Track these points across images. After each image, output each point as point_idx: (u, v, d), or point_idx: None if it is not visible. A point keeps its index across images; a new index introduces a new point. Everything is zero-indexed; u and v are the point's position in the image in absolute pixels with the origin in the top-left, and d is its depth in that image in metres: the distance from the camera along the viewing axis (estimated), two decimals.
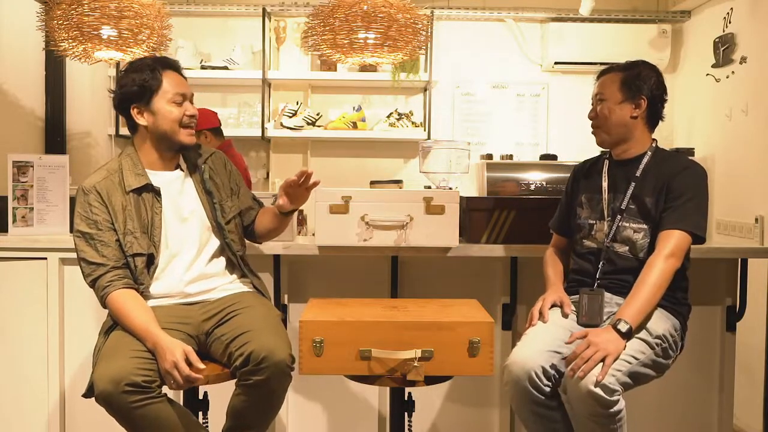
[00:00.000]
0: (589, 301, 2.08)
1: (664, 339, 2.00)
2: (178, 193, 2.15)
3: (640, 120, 2.14)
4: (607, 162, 2.23)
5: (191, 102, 2.15)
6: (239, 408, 1.94)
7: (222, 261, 2.18)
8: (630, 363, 1.89)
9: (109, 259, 2.02)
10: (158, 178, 2.13)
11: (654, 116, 2.17)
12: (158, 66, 2.10)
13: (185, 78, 2.17)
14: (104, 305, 2.03)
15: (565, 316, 2.09)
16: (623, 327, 1.90)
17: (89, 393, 1.90)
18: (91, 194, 2.06)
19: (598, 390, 1.79)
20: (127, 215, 2.06)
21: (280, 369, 1.87)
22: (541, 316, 2.08)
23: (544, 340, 2.00)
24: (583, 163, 2.36)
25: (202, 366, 1.89)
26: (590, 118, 2.22)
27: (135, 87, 2.07)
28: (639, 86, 2.12)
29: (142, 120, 2.10)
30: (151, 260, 2.07)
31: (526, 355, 1.94)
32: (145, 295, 2.06)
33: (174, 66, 2.15)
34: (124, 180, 2.09)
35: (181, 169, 2.18)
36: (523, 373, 1.91)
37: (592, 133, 2.22)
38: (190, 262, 2.12)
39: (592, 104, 2.22)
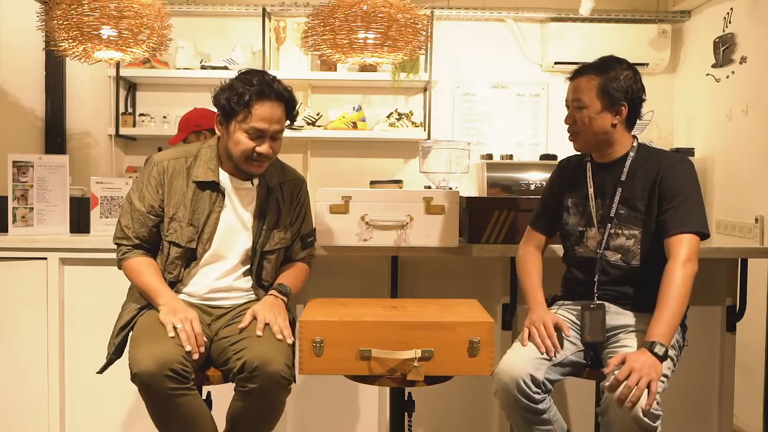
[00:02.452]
0: (591, 318, 2.04)
1: (676, 347, 1.99)
2: (240, 204, 2.12)
3: (620, 125, 2.08)
4: (590, 165, 2.16)
5: (273, 139, 2.04)
6: (236, 414, 1.94)
7: (250, 279, 2.15)
8: (663, 382, 1.86)
9: (138, 237, 2.08)
10: (228, 181, 2.11)
11: (634, 118, 2.10)
12: (254, 94, 1.97)
13: (283, 109, 2.03)
14: (119, 266, 2.11)
15: (561, 342, 2.01)
16: (660, 350, 1.84)
17: (104, 369, 1.96)
18: (155, 168, 2.09)
19: (645, 418, 1.76)
20: (181, 202, 2.06)
21: (274, 380, 1.85)
22: (555, 348, 1.98)
23: (532, 347, 1.98)
24: (567, 159, 2.27)
25: (203, 338, 1.94)
26: (567, 123, 2.13)
27: (222, 101, 2.02)
28: (618, 93, 2.04)
29: (219, 131, 2.08)
30: (190, 254, 2.07)
31: (514, 363, 1.93)
32: (172, 286, 2.07)
33: (272, 96, 2.00)
34: (195, 168, 2.08)
35: (253, 183, 2.14)
36: (511, 381, 1.90)
37: (570, 138, 2.13)
38: (223, 274, 2.10)
39: (567, 108, 2.13)
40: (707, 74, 3.95)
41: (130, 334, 2.00)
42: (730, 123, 3.70)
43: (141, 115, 4.42)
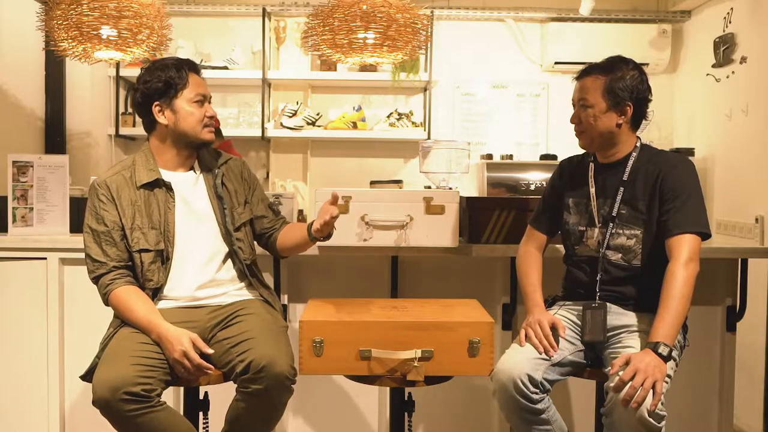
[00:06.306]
0: (592, 317, 2.04)
1: (678, 347, 1.99)
2: (191, 194, 2.13)
3: (626, 125, 2.08)
4: (592, 165, 2.16)
5: (210, 103, 2.17)
6: (236, 415, 1.93)
7: (232, 268, 2.15)
8: (667, 383, 1.86)
9: (112, 258, 2.04)
10: (171, 177, 2.12)
11: (639, 118, 2.10)
12: (184, 66, 2.11)
13: (204, 79, 2.18)
14: (106, 303, 2.05)
15: (556, 341, 2.01)
16: (664, 351, 1.84)
17: (87, 377, 1.93)
18: (100, 189, 2.08)
19: (651, 419, 1.76)
20: (135, 210, 2.06)
21: (279, 380, 1.85)
22: (552, 348, 1.98)
23: (530, 348, 1.98)
24: (569, 159, 2.28)
25: (210, 351, 1.93)
26: (573, 123, 2.14)
27: (160, 83, 2.07)
28: (624, 93, 2.04)
29: (162, 119, 2.09)
30: (162, 256, 2.06)
31: (512, 363, 1.93)
32: (156, 293, 2.06)
33: (196, 68, 2.16)
34: (136, 175, 2.09)
35: (195, 172, 2.17)
36: (508, 381, 1.89)
37: (576, 136, 2.15)
38: (202, 266, 2.10)
39: (574, 107, 2.14)
40: (707, 74, 3.95)
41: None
42: (730, 123, 3.70)
43: None
